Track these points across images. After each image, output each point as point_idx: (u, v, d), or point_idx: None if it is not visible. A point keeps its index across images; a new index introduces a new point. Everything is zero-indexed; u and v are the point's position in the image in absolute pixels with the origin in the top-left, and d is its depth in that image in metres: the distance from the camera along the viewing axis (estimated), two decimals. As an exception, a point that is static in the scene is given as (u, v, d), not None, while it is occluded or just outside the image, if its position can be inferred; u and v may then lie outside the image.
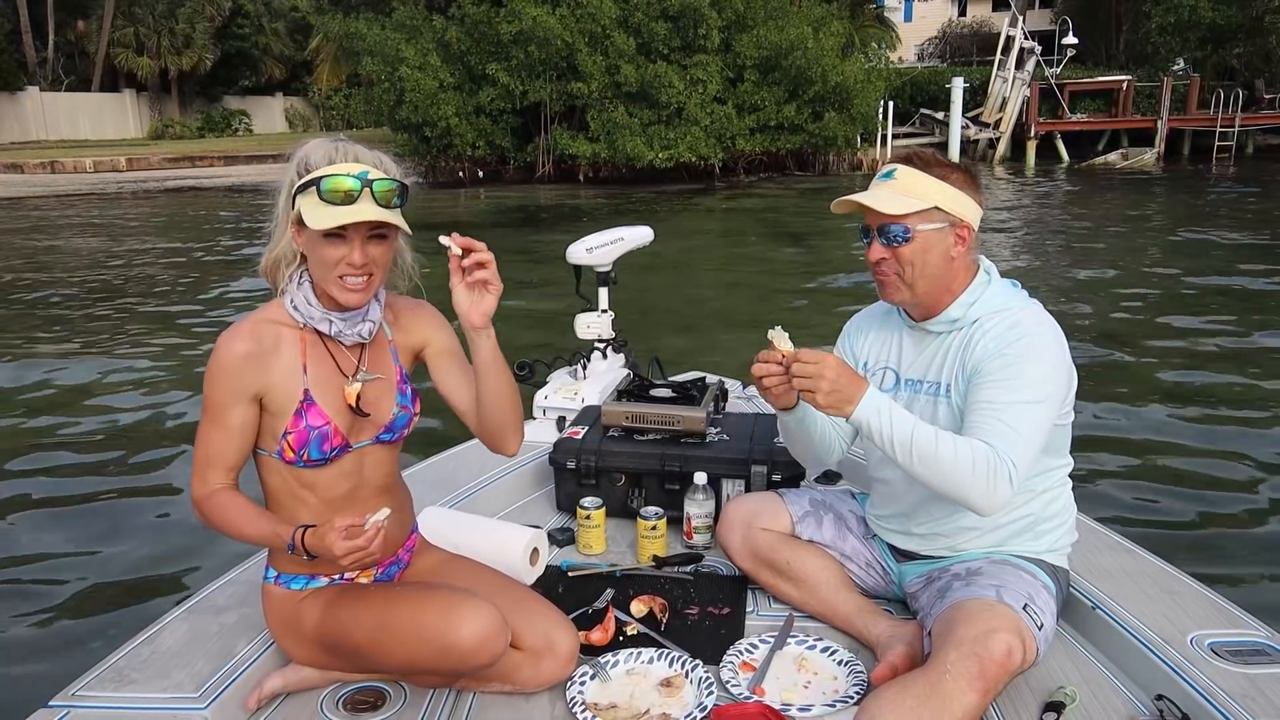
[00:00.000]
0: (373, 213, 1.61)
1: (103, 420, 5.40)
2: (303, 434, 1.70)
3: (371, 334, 1.79)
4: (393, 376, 1.84)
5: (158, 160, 26.20)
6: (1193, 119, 24.75)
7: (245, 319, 1.73)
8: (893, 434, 1.76)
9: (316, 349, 1.75)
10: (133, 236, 13.92)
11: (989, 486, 1.72)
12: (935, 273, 1.88)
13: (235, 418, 1.68)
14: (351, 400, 1.75)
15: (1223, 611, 1.96)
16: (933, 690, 1.60)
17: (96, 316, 8.37)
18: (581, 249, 3.18)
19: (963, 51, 35.02)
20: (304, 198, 1.63)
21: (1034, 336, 1.83)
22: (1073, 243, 11.66)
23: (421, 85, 20.14)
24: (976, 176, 1.93)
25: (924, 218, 1.85)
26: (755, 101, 21.16)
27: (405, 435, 1.88)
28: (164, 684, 1.76)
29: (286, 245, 1.71)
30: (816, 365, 1.74)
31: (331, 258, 1.64)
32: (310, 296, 1.72)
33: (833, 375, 1.74)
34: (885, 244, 1.87)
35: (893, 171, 1.89)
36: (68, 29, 36.99)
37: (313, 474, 1.76)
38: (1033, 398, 1.78)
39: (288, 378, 1.71)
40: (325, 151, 1.66)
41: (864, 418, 1.76)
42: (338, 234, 1.62)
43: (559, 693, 1.87)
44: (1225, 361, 6.13)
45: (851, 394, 1.76)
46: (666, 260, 8.21)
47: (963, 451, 1.73)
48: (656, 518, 2.43)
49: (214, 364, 1.68)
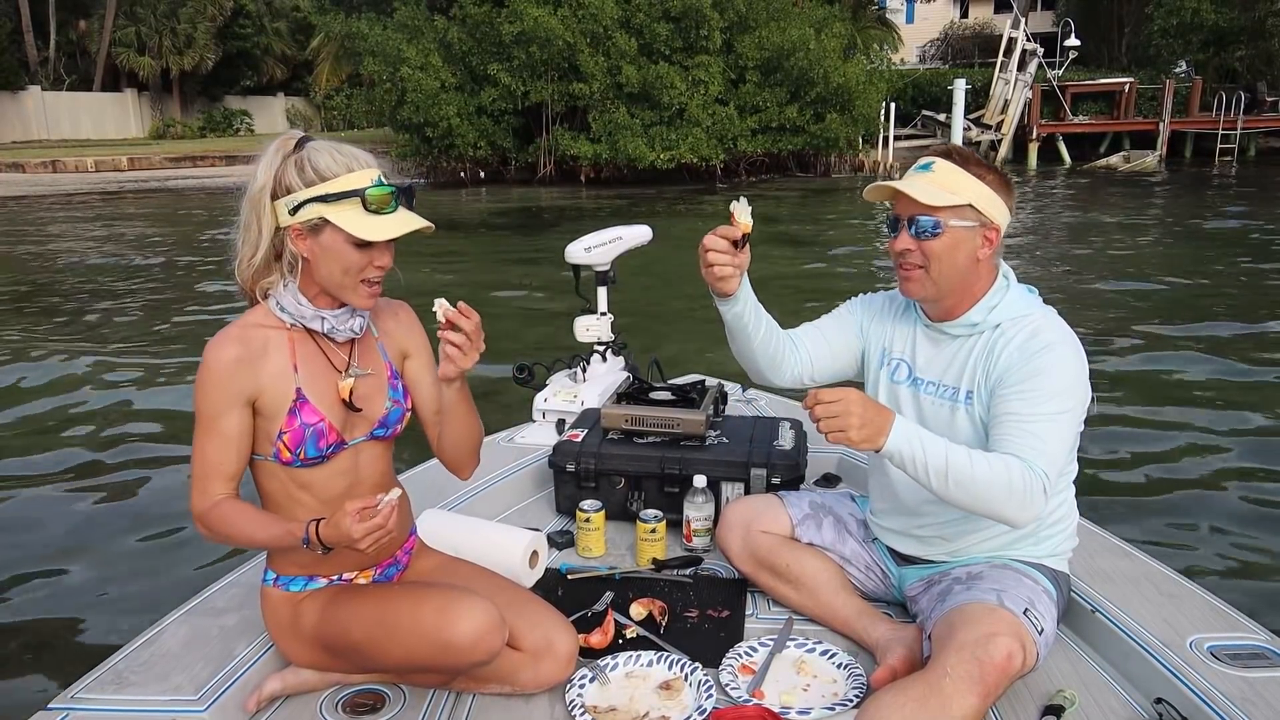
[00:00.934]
0: (415, 221, 1.66)
1: (102, 421, 5.41)
2: (298, 432, 1.70)
3: (363, 329, 1.80)
4: (383, 372, 1.85)
5: (159, 160, 26.21)
6: (1195, 121, 24.74)
7: (231, 325, 1.72)
8: (927, 461, 1.72)
9: (306, 347, 1.75)
10: (134, 235, 13.93)
11: (1025, 501, 1.71)
12: (960, 272, 1.87)
13: (231, 425, 1.67)
14: (345, 395, 1.76)
15: (1222, 615, 1.96)
16: (932, 693, 1.60)
17: (98, 317, 8.38)
18: (580, 248, 3.18)
19: (964, 53, 35.05)
20: (336, 207, 1.63)
21: (1057, 347, 1.82)
22: (1074, 245, 11.65)
23: (423, 85, 20.16)
24: (1011, 182, 1.91)
25: (957, 214, 1.83)
26: (757, 103, 21.18)
27: (399, 431, 1.89)
28: (163, 686, 1.76)
29: (268, 250, 1.69)
30: (840, 402, 1.67)
31: (359, 263, 1.66)
32: (300, 297, 1.72)
33: (859, 410, 1.67)
34: (914, 235, 1.85)
35: (931, 164, 1.87)
36: (69, 28, 37.03)
37: (309, 474, 1.76)
38: (1058, 409, 1.77)
39: (279, 379, 1.70)
40: (333, 157, 1.65)
41: (896, 448, 1.71)
42: (366, 241, 1.64)
43: (558, 695, 1.87)
44: (1226, 364, 6.12)
45: (881, 424, 1.70)
46: (667, 262, 8.20)
47: (998, 470, 1.71)
48: (656, 520, 2.43)
49: (203, 373, 1.67)
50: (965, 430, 1.89)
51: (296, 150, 1.66)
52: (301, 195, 1.63)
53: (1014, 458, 1.73)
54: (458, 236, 13.46)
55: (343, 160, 1.65)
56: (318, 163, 1.64)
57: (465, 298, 1.72)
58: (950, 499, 1.75)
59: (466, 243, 12.85)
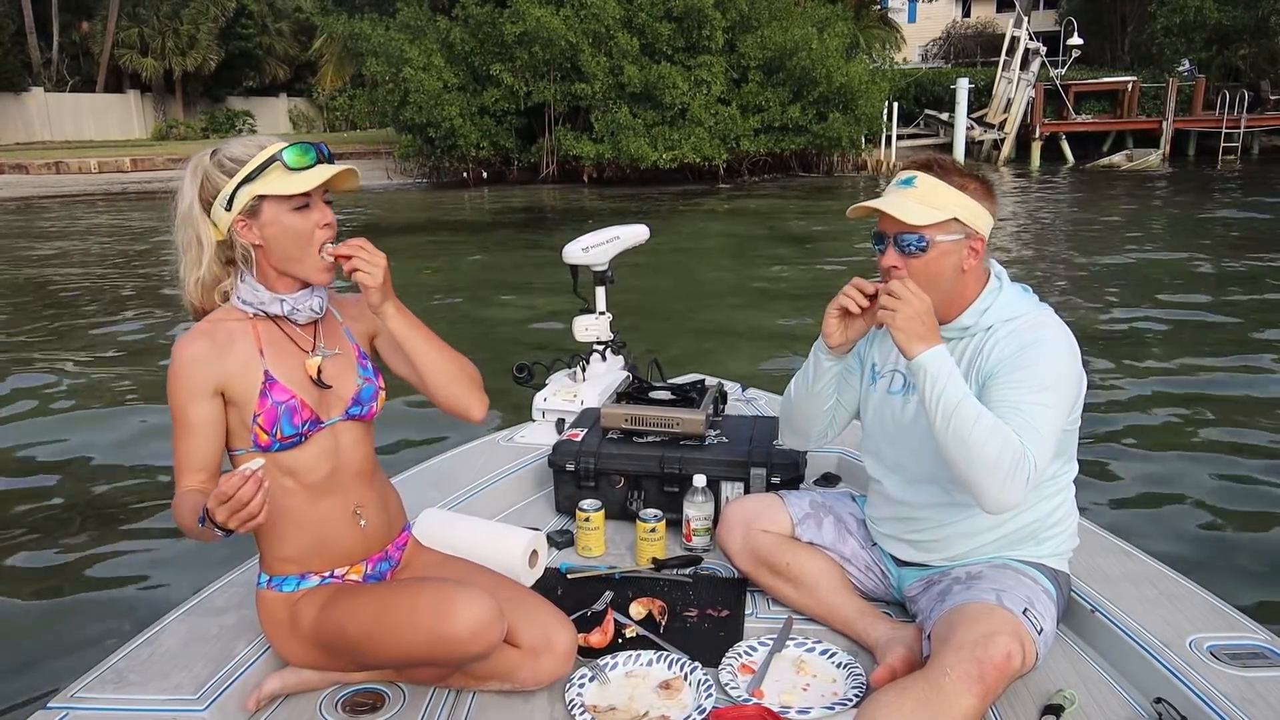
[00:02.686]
0: (339, 166, 1.72)
1: (102, 421, 5.42)
2: (271, 411, 1.72)
3: (323, 308, 1.83)
4: (351, 354, 1.88)
5: (162, 161, 26.19)
6: (1198, 120, 24.70)
7: (197, 324, 1.77)
8: (943, 392, 1.74)
9: (270, 332, 1.78)
10: (135, 235, 13.95)
11: (1008, 477, 1.70)
12: (947, 284, 1.87)
13: (200, 415, 1.70)
14: (313, 373, 1.79)
15: (1221, 615, 1.96)
16: (932, 693, 1.60)
17: (99, 317, 8.39)
18: (578, 248, 3.19)
19: (967, 52, 35.00)
20: (262, 180, 1.68)
21: (1048, 341, 1.83)
22: (1076, 244, 11.64)
23: (425, 86, 20.17)
24: (993, 186, 1.91)
25: (942, 229, 1.83)
26: (759, 102, 21.16)
27: (375, 410, 1.90)
28: (163, 686, 1.77)
29: (213, 260, 1.74)
30: (908, 298, 1.75)
31: (306, 226, 1.71)
32: (256, 286, 1.76)
33: (922, 309, 1.76)
34: (900, 252, 1.85)
35: (913, 179, 1.86)
36: (72, 30, 37.03)
37: (291, 458, 1.77)
38: (1047, 399, 1.77)
39: (246, 365, 1.74)
40: (243, 145, 1.71)
41: (925, 364, 1.75)
42: (304, 205, 1.70)
43: (558, 695, 1.87)
44: (1226, 363, 6.12)
45: (926, 334, 1.76)
46: (668, 262, 8.21)
47: (997, 438, 1.71)
48: (656, 520, 2.43)
49: (172, 370, 1.71)
50: None
51: (211, 159, 1.72)
52: (229, 186, 1.69)
53: (1016, 436, 1.73)
54: (460, 236, 13.48)
55: (254, 143, 1.72)
56: (233, 152, 1.70)
57: (466, 297, 1.73)
58: (943, 442, 1.75)
59: (468, 243, 12.85)
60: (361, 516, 1.88)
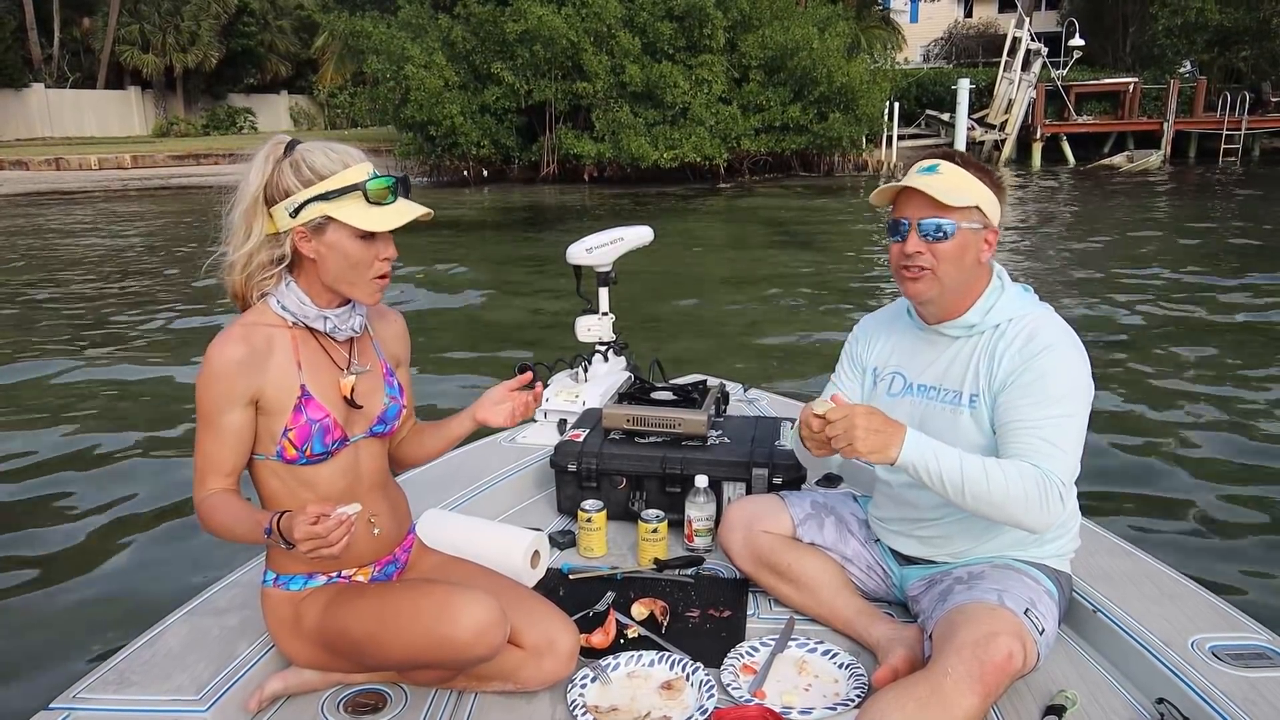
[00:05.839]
0: (415, 209, 1.69)
1: (102, 421, 5.42)
2: (304, 428, 1.71)
3: (362, 327, 1.82)
4: (379, 370, 1.88)
5: (162, 158, 26.20)
6: (1199, 121, 24.70)
7: (233, 324, 1.72)
8: (941, 471, 1.74)
9: (308, 345, 1.76)
10: (136, 235, 13.94)
11: (1042, 509, 1.72)
12: (966, 273, 1.87)
13: (231, 423, 1.68)
14: (346, 392, 1.78)
15: (1223, 615, 1.96)
16: (933, 693, 1.60)
17: (99, 317, 8.39)
18: (581, 249, 3.18)
19: (968, 53, 34.99)
20: (338, 203, 1.64)
21: (1057, 348, 1.82)
22: (1077, 245, 11.63)
23: (426, 84, 20.17)
24: (1004, 185, 1.92)
25: (966, 215, 1.83)
26: (760, 102, 21.17)
27: (396, 428, 1.91)
28: (165, 686, 1.76)
29: (266, 254, 1.70)
30: (845, 417, 1.72)
31: (365, 257, 1.69)
32: (303, 296, 1.73)
33: (864, 422, 1.72)
34: (924, 238, 1.84)
35: (936, 166, 1.86)
36: (73, 26, 37.03)
37: (312, 472, 1.76)
38: (1066, 411, 1.78)
39: (283, 376, 1.71)
40: (328, 156, 1.66)
41: (909, 460, 1.74)
42: (370, 234, 1.67)
43: (560, 695, 1.87)
44: (1227, 363, 6.12)
45: (891, 436, 1.74)
46: (669, 261, 8.20)
47: (1013, 478, 1.72)
48: (657, 520, 2.43)
49: (207, 371, 1.66)
50: (970, 434, 1.88)
51: (287, 154, 1.67)
52: (302, 196, 1.64)
53: (1028, 464, 1.73)
54: (461, 236, 13.45)
55: (337, 158, 1.66)
56: (314, 163, 1.65)
57: (466, 297, 1.73)
58: (968, 509, 1.76)
59: (469, 242, 12.84)
60: (376, 525, 1.88)
